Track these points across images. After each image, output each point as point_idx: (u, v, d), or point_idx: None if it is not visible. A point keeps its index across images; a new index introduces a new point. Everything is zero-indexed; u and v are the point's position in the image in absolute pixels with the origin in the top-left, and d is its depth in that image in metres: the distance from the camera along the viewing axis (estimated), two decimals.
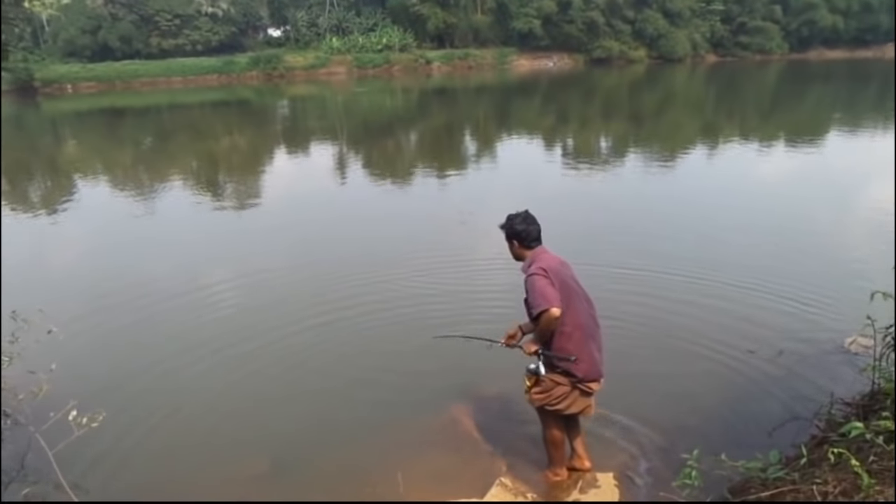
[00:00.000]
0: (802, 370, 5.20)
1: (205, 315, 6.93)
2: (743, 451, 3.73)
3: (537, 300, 3.52)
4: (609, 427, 4.51)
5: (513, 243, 3.79)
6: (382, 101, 38.45)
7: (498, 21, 59.77)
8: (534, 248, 3.74)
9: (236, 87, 48.57)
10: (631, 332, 5.96)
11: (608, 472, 4.05)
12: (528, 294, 3.59)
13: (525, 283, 3.62)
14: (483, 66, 56.72)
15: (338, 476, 4.21)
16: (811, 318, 6.14)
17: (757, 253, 8.14)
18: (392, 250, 8.84)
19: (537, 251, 3.73)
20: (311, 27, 59.52)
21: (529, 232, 3.72)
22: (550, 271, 3.60)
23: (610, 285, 6.90)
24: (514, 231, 3.74)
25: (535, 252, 3.73)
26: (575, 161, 16.87)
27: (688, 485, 3.03)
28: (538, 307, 3.51)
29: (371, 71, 54.86)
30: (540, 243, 3.77)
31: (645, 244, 8.61)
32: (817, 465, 3.02)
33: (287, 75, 53.24)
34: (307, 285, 7.68)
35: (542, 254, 3.72)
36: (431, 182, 14.38)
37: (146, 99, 42.01)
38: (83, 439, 3.84)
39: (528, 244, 3.74)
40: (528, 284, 3.60)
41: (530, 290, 3.58)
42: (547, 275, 3.58)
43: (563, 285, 3.61)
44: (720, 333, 5.91)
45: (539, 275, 3.57)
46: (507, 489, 3.92)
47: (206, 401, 5.24)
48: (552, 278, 3.58)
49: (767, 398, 4.85)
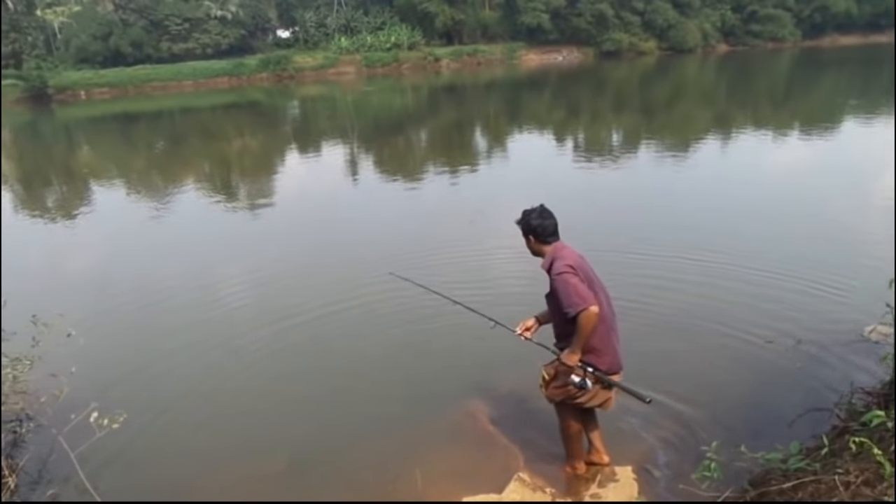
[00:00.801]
0: (822, 359, 5.15)
1: (221, 315, 6.98)
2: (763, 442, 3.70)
3: (573, 299, 3.45)
4: (627, 420, 4.48)
5: (529, 239, 3.74)
6: (392, 100, 38.49)
7: (506, 16, 59.58)
8: (551, 242, 3.68)
9: (246, 88, 48.84)
10: (649, 322, 5.93)
11: (627, 466, 4.03)
12: (561, 294, 3.51)
13: (553, 282, 3.56)
14: (492, 61, 56.57)
15: (356, 473, 4.22)
16: (830, 307, 6.07)
17: (773, 242, 8.06)
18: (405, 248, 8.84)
19: (556, 246, 3.67)
20: (320, 27, 59.68)
21: (546, 227, 3.66)
22: (577, 268, 3.56)
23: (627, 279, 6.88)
24: (530, 226, 3.69)
25: (555, 247, 3.67)
26: (586, 154, 16.79)
27: (707, 477, 3.02)
28: (576, 306, 3.44)
29: (380, 70, 54.90)
30: (558, 238, 3.70)
31: (659, 234, 8.55)
32: (839, 456, 2.99)
33: (297, 76, 53.43)
34: (322, 284, 7.69)
35: (561, 249, 3.66)
36: (443, 180, 14.35)
37: (158, 103, 42.36)
38: (104, 440, 3.91)
39: (544, 239, 3.68)
40: (558, 284, 3.52)
41: (562, 289, 3.50)
42: (575, 272, 3.54)
43: (587, 279, 3.58)
44: (737, 323, 5.86)
45: (568, 272, 3.51)
46: (525, 484, 3.92)
47: (225, 400, 5.27)
48: (579, 274, 3.56)
49: (787, 388, 4.81)
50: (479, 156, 17.52)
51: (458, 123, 25.83)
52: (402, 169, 16.26)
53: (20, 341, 4.47)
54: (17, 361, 4.36)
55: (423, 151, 19.85)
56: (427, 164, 16.69)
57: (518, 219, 3.76)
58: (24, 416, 4.58)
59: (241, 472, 4.30)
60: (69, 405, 4.23)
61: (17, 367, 4.33)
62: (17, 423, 4.54)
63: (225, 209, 13.00)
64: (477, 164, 16.06)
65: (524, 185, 13.31)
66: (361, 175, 16.10)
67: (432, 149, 20.37)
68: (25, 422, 4.61)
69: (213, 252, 9.66)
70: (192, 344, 6.31)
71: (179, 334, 6.56)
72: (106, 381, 5.43)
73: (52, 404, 4.30)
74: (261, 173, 17.45)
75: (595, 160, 15.79)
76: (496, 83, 43.83)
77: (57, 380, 4.38)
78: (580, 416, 3.92)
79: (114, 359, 5.99)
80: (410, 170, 16.01)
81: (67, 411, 4.18)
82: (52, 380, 4.40)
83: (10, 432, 4.45)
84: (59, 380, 4.35)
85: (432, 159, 17.77)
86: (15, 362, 4.36)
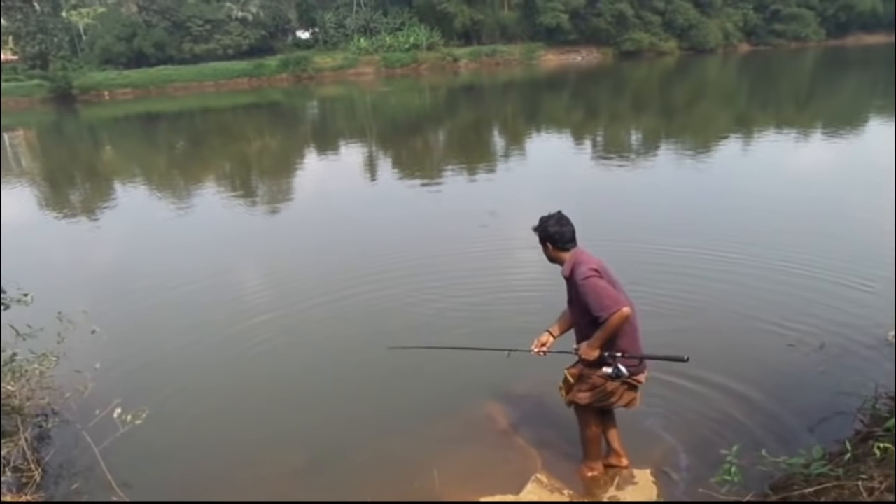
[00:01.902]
0: (845, 363, 5.07)
1: (242, 312, 7.03)
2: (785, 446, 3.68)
3: (605, 302, 3.44)
4: (647, 422, 4.45)
5: (547, 246, 3.69)
6: (411, 100, 38.57)
7: (525, 16, 59.43)
8: (570, 249, 3.64)
9: (266, 89, 49.25)
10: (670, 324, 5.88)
11: (646, 469, 4.00)
12: (590, 298, 3.48)
13: (579, 287, 3.52)
14: (511, 62, 56.45)
15: (374, 472, 4.24)
16: (853, 311, 5.97)
17: (796, 243, 7.95)
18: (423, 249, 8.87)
19: (576, 252, 3.64)
20: (339, 28, 59.97)
21: (563, 233, 3.61)
22: (601, 270, 3.55)
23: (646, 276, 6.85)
24: (547, 233, 3.64)
25: (574, 253, 3.63)
26: (605, 155, 16.70)
27: (727, 481, 2.99)
28: (608, 309, 3.42)
29: (399, 70, 55.04)
30: (575, 244, 3.66)
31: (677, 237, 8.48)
32: (862, 461, 2.95)
33: (316, 77, 53.77)
34: (340, 282, 7.72)
35: (581, 254, 3.63)
36: (460, 180, 14.33)
37: (180, 103, 42.85)
38: (127, 435, 3.97)
39: (563, 246, 3.63)
40: (586, 288, 3.48)
41: (591, 293, 3.47)
42: (601, 275, 3.52)
43: (612, 282, 3.57)
44: (759, 326, 5.80)
45: (594, 276, 3.49)
46: (542, 486, 3.91)
47: (246, 396, 5.33)
48: (605, 277, 3.54)
49: (809, 392, 4.74)
50: (497, 156, 17.49)
51: (476, 124, 25.82)
52: (420, 169, 16.29)
53: (46, 337, 4.55)
54: (43, 357, 4.44)
55: (441, 152, 19.86)
56: (445, 165, 16.70)
57: (535, 225, 3.71)
58: (49, 412, 4.67)
59: (261, 468, 4.34)
60: (93, 401, 4.31)
61: (44, 363, 4.42)
62: (44, 418, 4.63)
63: (245, 208, 13.12)
64: (494, 164, 16.03)
65: (541, 185, 13.28)
66: (379, 175, 16.15)
67: (450, 149, 20.38)
68: (51, 417, 4.71)
69: (233, 250, 9.76)
70: (212, 341, 6.39)
71: (200, 331, 6.63)
72: (129, 377, 5.51)
73: (77, 400, 4.39)
74: (280, 173, 17.59)
75: (614, 160, 15.69)
76: (514, 83, 43.74)
77: (81, 376, 4.47)
78: (600, 418, 3.90)
79: (137, 355, 6.07)
80: (428, 170, 16.04)
81: (92, 407, 4.27)
82: (77, 376, 4.49)
83: (36, 426, 4.55)
84: (84, 376, 4.44)
85: (450, 160, 17.77)
86: (41, 358, 4.44)
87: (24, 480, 4.03)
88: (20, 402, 4.27)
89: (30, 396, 4.42)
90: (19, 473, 4.08)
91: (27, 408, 4.37)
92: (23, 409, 4.29)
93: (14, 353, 4.34)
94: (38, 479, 4.09)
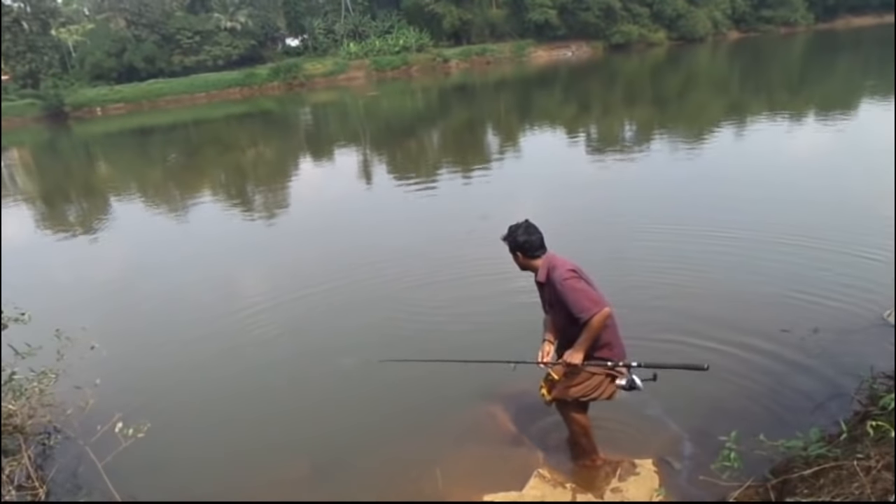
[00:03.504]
0: (842, 345, 5.08)
1: (239, 324, 7.04)
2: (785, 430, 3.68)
3: (585, 304, 3.47)
4: (644, 413, 4.46)
5: (517, 255, 3.73)
6: (402, 103, 38.59)
7: (513, 14, 59.48)
8: (540, 255, 3.68)
9: (258, 98, 49.24)
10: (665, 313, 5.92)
11: (647, 458, 4.01)
12: (570, 300, 3.51)
13: (559, 290, 3.55)
14: (501, 60, 56.48)
15: (378, 473, 4.27)
16: (849, 292, 5.97)
17: (789, 226, 7.96)
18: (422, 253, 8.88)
19: (548, 257, 3.68)
20: (328, 34, 60.09)
21: (532, 242, 3.65)
22: (577, 271, 3.59)
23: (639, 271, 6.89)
24: (517, 243, 3.68)
25: (547, 258, 3.67)
26: (599, 149, 16.72)
27: (727, 467, 3.01)
28: (589, 310, 3.46)
29: (390, 73, 55.08)
30: (545, 250, 3.70)
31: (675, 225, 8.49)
32: (859, 441, 2.97)
33: (307, 83, 53.78)
34: (338, 289, 7.74)
35: (554, 258, 3.67)
36: (455, 181, 14.30)
37: (172, 116, 42.85)
38: (130, 449, 3.98)
39: (532, 254, 3.68)
40: (565, 290, 3.52)
41: (571, 294, 3.51)
42: (579, 275, 3.57)
43: (588, 282, 3.61)
44: (754, 311, 5.82)
45: (574, 277, 3.54)
46: (545, 480, 3.92)
47: (246, 406, 5.34)
48: (583, 277, 3.58)
49: (806, 377, 4.76)
50: (491, 155, 17.49)
51: (469, 123, 25.83)
52: (415, 171, 16.29)
53: (45, 355, 4.57)
54: (42, 375, 4.45)
55: (435, 153, 19.87)
56: (439, 166, 16.70)
57: (504, 235, 3.75)
58: (51, 429, 4.67)
59: (265, 477, 4.36)
60: (95, 416, 4.32)
61: (43, 381, 4.42)
62: (46, 436, 4.63)
63: (242, 218, 13.13)
64: (489, 164, 16.03)
65: (536, 183, 13.28)
66: (375, 179, 16.16)
67: (444, 150, 20.40)
68: (53, 434, 4.71)
69: (230, 261, 9.75)
70: (211, 352, 6.41)
71: (199, 343, 6.66)
72: (129, 392, 5.51)
73: (79, 416, 4.39)
74: (275, 181, 17.58)
75: (608, 153, 15.71)
76: (506, 81, 43.74)
77: (82, 392, 4.47)
78: (584, 409, 3.94)
79: (137, 369, 6.09)
80: (423, 172, 16.04)
81: (93, 422, 4.27)
82: (78, 392, 4.49)
83: (39, 444, 4.55)
84: (84, 392, 4.44)
85: (444, 161, 17.78)
86: (41, 376, 4.45)
87: (29, 498, 4.03)
88: (21, 421, 4.29)
89: (31, 415, 4.43)
90: (24, 491, 4.08)
91: (29, 426, 4.38)
92: (24, 428, 4.30)
93: (13, 371, 4.35)
94: (42, 496, 4.09)
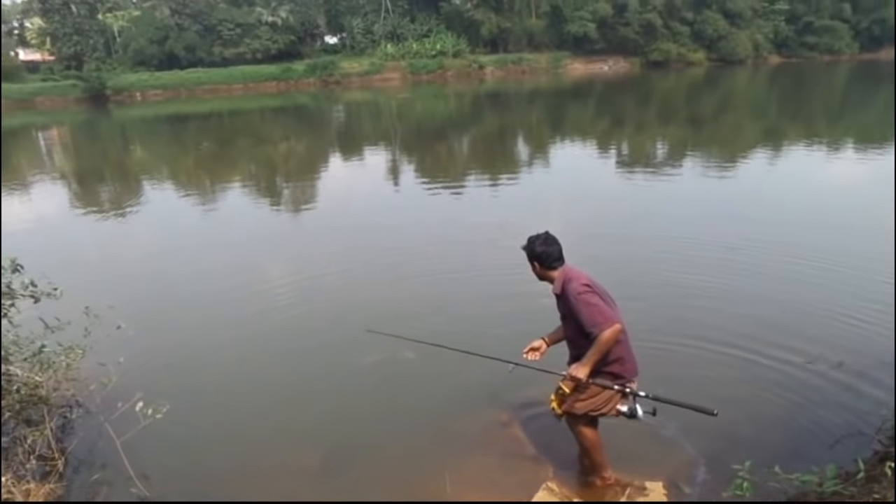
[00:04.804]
0: (864, 382, 4.99)
1: (261, 312, 7.15)
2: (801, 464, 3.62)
3: (596, 318, 3.50)
4: (660, 434, 4.43)
5: (534, 265, 3.79)
6: (435, 107, 38.76)
7: (552, 25, 59.46)
8: (557, 267, 3.73)
9: (294, 93, 49.91)
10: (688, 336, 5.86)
11: (657, 481, 3.99)
12: (583, 314, 3.54)
13: (573, 303, 3.59)
14: (537, 70, 56.51)
15: (387, 472, 4.30)
16: (873, 329, 5.88)
17: (818, 261, 7.84)
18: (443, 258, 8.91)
19: (565, 269, 3.72)
20: (367, 34, 60.61)
21: (550, 253, 3.71)
22: (592, 285, 3.62)
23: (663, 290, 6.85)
24: (534, 253, 3.74)
25: (563, 271, 3.72)
26: (630, 166, 16.62)
27: (739, 496, 2.98)
28: (599, 326, 3.48)
29: (425, 76, 55.40)
30: (563, 262, 3.75)
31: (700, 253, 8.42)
32: (877, 481, 2.92)
33: (343, 81, 54.37)
34: (359, 286, 7.84)
35: (571, 271, 3.71)
36: (482, 189, 14.34)
37: (209, 105, 43.60)
38: (148, 428, 4.08)
39: (550, 265, 3.72)
40: (578, 305, 3.55)
41: (583, 308, 3.54)
42: (593, 290, 3.60)
43: (603, 296, 3.62)
44: (779, 341, 5.73)
45: (588, 292, 3.57)
46: (553, 493, 3.92)
47: (265, 393, 5.43)
48: (597, 292, 3.61)
49: (827, 412, 4.68)
50: (520, 165, 17.49)
51: (500, 131, 25.85)
52: (443, 176, 16.34)
53: (72, 331, 4.69)
54: (70, 350, 4.57)
55: (464, 159, 19.92)
56: (467, 172, 16.73)
57: (523, 245, 3.81)
58: (74, 403, 4.80)
59: (278, 465, 4.41)
60: (116, 394, 4.43)
61: (70, 356, 4.54)
62: (68, 409, 4.76)
63: (270, 209, 13.33)
64: (517, 173, 16.04)
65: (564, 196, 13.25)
66: (402, 180, 16.26)
67: (473, 156, 20.44)
68: (75, 408, 4.83)
69: (257, 250, 9.90)
70: (234, 339, 6.52)
71: (222, 329, 6.78)
72: (152, 372, 5.63)
73: (101, 393, 4.51)
74: (305, 175, 17.79)
75: (638, 171, 15.61)
76: (540, 92, 43.71)
77: (105, 369, 4.58)
78: (593, 424, 3.93)
79: (160, 350, 6.20)
80: (451, 177, 16.09)
81: (115, 399, 4.39)
82: (102, 369, 4.61)
83: (61, 417, 4.68)
84: (108, 369, 4.56)
85: (473, 167, 17.81)
86: (68, 350, 4.57)
87: (48, 469, 4.14)
88: (47, 393, 4.41)
89: (56, 387, 4.55)
90: (43, 462, 4.20)
91: (53, 398, 4.51)
92: (49, 400, 4.42)
93: (43, 344, 4.47)
94: (60, 468, 4.21)
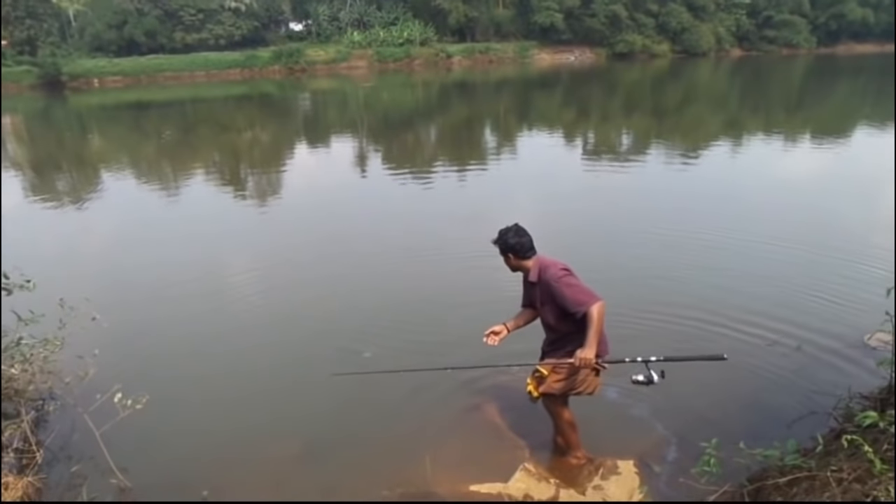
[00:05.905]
0: (822, 364, 5.26)
1: (233, 301, 7.16)
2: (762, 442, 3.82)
3: (580, 297, 3.61)
4: (631, 414, 4.63)
5: (508, 257, 3.88)
6: (403, 95, 38.61)
7: (519, 15, 59.65)
8: (531, 257, 3.84)
9: (258, 81, 49.05)
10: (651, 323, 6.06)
11: (629, 459, 4.16)
12: (566, 296, 3.64)
13: (554, 288, 3.69)
14: (504, 60, 56.64)
15: (368, 458, 4.38)
16: (832, 313, 6.17)
17: (778, 247, 8.16)
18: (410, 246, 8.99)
19: (539, 258, 3.84)
20: (333, 21, 59.85)
21: (523, 244, 3.80)
22: (570, 269, 3.76)
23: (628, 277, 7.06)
24: (508, 245, 3.82)
25: (537, 259, 3.83)
26: (595, 156, 16.90)
27: (707, 472, 3.16)
28: (586, 304, 3.58)
29: (392, 65, 55.04)
30: (535, 252, 3.85)
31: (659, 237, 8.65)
32: (833, 454, 3.13)
33: (308, 69, 53.64)
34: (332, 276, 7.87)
35: (544, 259, 3.84)
36: (450, 178, 14.39)
37: (170, 93, 42.59)
38: (127, 420, 4.08)
39: (524, 255, 3.82)
40: (561, 288, 3.66)
41: (566, 290, 3.65)
42: (572, 273, 3.73)
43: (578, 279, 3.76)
44: (740, 325, 5.97)
45: (568, 275, 3.71)
46: (530, 474, 4.06)
47: (242, 383, 5.45)
48: (574, 275, 3.75)
49: (787, 392, 4.92)
50: (488, 154, 17.63)
51: (467, 121, 25.93)
52: (410, 164, 16.37)
53: (47, 323, 4.64)
54: (46, 342, 4.53)
55: (432, 148, 19.97)
56: (435, 161, 16.81)
57: (494, 239, 3.89)
58: (50, 395, 4.75)
59: (258, 455, 4.44)
60: (94, 386, 4.40)
61: (48, 347, 4.50)
62: (44, 402, 4.71)
63: (234, 199, 13.19)
64: (485, 162, 16.18)
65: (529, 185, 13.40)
66: (370, 170, 16.23)
67: (441, 145, 20.50)
68: (48, 400, 4.78)
69: (225, 241, 9.83)
70: (210, 329, 6.52)
71: (198, 320, 6.75)
72: (130, 364, 5.57)
73: (78, 385, 4.47)
74: (270, 165, 17.61)
75: (604, 161, 15.89)
76: (507, 82, 43.87)
77: (82, 361, 4.55)
78: (567, 404, 4.07)
79: (137, 342, 6.16)
80: (418, 165, 16.14)
81: (93, 392, 4.36)
82: (78, 361, 4.57)
83: (37, 410, 4.63)
84: (85, 361, 4.52)
85: (440, 156, 17.88)
86: (45, 343, 4.53)
87: (26, 462, 4.12)
88: (23, 386, 4.36)
89: (31, 380, 4.50)
90: (20, 455, 4.17)
91: (29, 391, 4.46)
92: (25, 393, 4.38)
93: (20, 336, 4.42)
94: (39, 461, 4.18)
